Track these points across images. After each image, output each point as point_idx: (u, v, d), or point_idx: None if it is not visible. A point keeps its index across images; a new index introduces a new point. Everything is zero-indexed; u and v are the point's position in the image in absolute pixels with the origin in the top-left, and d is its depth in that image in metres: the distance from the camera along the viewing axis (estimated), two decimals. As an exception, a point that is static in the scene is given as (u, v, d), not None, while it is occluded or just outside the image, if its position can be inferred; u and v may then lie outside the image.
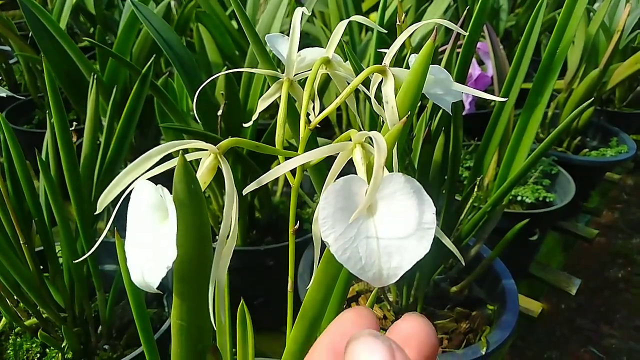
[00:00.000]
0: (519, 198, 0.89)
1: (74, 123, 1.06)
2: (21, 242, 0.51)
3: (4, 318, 0.58)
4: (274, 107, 1.10)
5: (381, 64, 0.34)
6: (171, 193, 0.24)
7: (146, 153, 0.25)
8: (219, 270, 0.28)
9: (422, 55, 0.29)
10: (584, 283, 1.18)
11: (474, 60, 0.88)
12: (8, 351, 0.60)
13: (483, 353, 0.57)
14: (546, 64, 0.54)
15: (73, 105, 0.95)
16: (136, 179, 0.26)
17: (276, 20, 0.70)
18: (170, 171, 0.25)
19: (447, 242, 0.34)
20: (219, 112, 0.62)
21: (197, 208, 0.25)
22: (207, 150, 0.28)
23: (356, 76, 0.46)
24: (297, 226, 0.38)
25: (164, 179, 0.25)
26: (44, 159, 0.48)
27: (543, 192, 0.90)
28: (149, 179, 0.25)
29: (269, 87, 0.39)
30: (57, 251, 0.57)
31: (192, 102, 0.62)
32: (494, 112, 0.60)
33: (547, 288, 1.01)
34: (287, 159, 0.29)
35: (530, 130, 0.56)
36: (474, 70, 0.87)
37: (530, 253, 0.98)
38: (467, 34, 0.58)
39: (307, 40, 1.23)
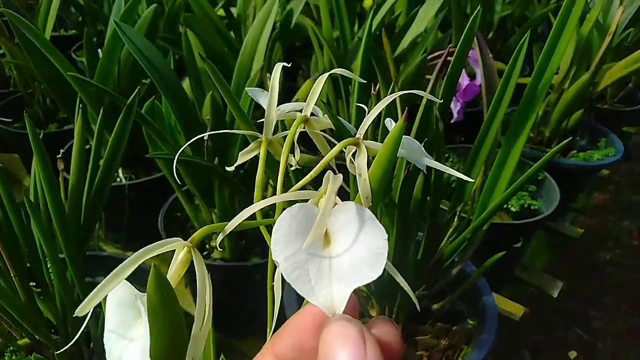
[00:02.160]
0: (505, 206, 0.91)
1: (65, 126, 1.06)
2: (12, 274, 0.52)
3: (-2, 339, 0.60)
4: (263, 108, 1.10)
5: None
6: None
7: (120, 265, 0.26)
8: (195, 353, 0.30)
9: (393, 134, 0.30)
10: (572, 265, 1.21)
11: (463, 70, 0.88)
12: (3, 369, 0.62)
13: (459, 374, 0.60)
14: (527, 100, 0.54)
15: (61, 108, 0.95)
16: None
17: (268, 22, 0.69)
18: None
19: (401, 280, 0.34)
20: (205, 137, 0.62)
21: (171, 313, 0.27)
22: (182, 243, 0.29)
23: (336, 130, 0.47)
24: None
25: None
26: (32, 201, 0.49)
27: (528, 199, 0.92)
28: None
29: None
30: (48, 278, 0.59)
31: (179, 126, 0.63)
32: (479, 135, 0.60)
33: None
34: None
35: (511, 159, 0.57)
36: (463, 80, 0.87)
37: (515, 258, 1.00)
38: (457, 48, 0.59)
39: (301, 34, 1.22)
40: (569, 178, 1.06)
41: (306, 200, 0.30)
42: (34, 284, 0.61)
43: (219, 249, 0.60)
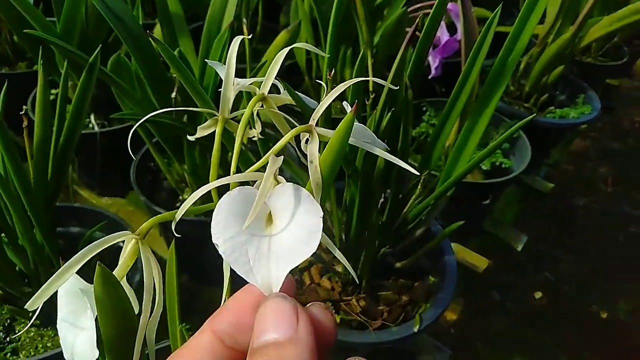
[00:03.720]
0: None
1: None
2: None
3: (-29, 289, 0.62)
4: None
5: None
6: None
7: (67, 263, 0.27)
8: (148, 335, 0.31)
9: (343, 125, 0.30)
10: (545, 209, 1.25)
11: (443, 24, 0.86)
12: (-22, 317, 0.64)
13: (415, 330, 0.63)
14: (503, 57, 0.53)
15: (27, 49, 0.92)
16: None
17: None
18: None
19: (339, 254, 0.35)
20: (173, 94, 0.61)
21: (117, 304, 0.28)
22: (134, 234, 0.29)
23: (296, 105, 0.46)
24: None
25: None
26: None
27: (500, 157, 0.93)
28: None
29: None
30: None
31: (146, 82, 0.61)
32: (454, 89, 0.58)
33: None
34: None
35: (483, 120, 0.57)
36: (443, 35, 0.85)
37: (483, 213, 1.03)
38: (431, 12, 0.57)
39: None
40: (544, 135, 1.07)
41: (250, 184, 0.30)
42: (4, 235, 0.62)
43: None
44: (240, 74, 0.42)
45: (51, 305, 0.28)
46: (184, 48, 0.79)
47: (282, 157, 0.30)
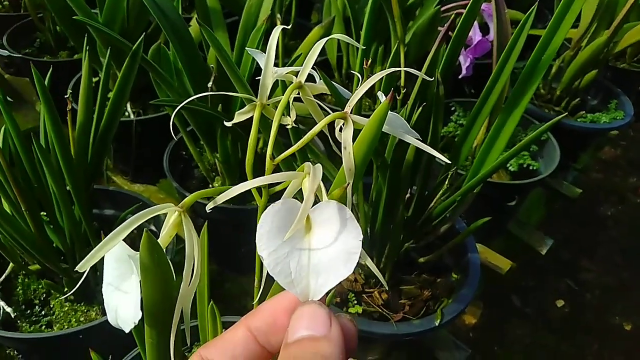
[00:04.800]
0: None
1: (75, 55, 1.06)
2: (23, 209, 0.56)
3: (11, 263, 0.65)
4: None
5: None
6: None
7: (117, 229, 0.28)
8: (184, 305, 0.33)
9: (377, 113, 0.32)
10: (572, 217, 1.23)
11: (476, 24, 0.86)
12: (17, 289, 0.67)
13: (437, 324, 0.64)
14: (534, 60, 0.54)
15: (70, 38, 0.95)
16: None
17: None
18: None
19: (371, 264, 0.36)
20: (209, 84, 0.63)
21: (160, 270, 0.30)
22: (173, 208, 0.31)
23: (331, 94, 0.47)
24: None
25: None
26: (42, 144, 0.52)
27: (528, 159, 0.93)
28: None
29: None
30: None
31: (184, 72, 0.64)
32: (484, 91, 0.59)
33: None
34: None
35: (512, 121, 0.57)
36: (475, 35, 0.85)
37: (509, 215, 1.02)
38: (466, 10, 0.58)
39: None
40: (574, 139, 1.06)
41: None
42: (45, 214, 0.65)
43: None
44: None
45: (84, 282, 0.29)
46: (220, 41, 0.82)
47: (321, 170, 0.30)
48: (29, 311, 0.67)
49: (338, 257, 0.25)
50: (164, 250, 0.31)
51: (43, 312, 0.67)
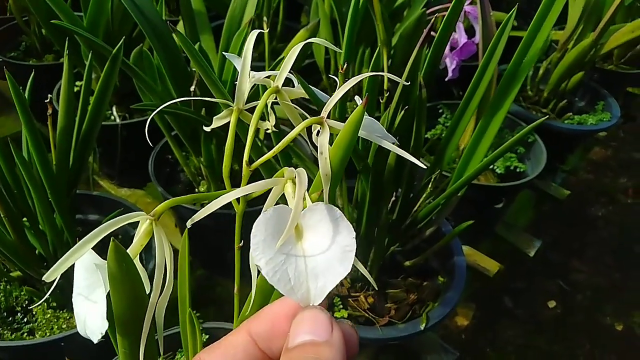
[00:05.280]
0: (490, 166, 0.92)
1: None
2: (2, 215, 0.55)
3: (-8, 270, 0.64)
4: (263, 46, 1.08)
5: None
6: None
7: (87, 236, 0.28)
8: (157, 314, 0.33)
9: (353, 118, 0.31)
10: (563, 218, 1.23)
11: (461, 26, 0.86)
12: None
13: (422, 328, 0.64)
14: (515, 63, 0.54)
15: (54, 41, 0.94)
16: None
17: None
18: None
19: (361, 267, 0.36)
20: (192, 87, 0.63)
21: (129, 279, 0.29)
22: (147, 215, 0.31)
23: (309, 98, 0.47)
24: (241, 243, 0.42)
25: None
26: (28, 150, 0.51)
27: (515, 161, 0.93)
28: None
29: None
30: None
31: (167, 76, 0.63)
32: (467, 93, 0.59)
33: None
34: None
35: (488, 134, 0.58)
36: (461, 37, 0.85)
37: (497, 217, 1.03)
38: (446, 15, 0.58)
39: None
40: (561, 141, 1.06)
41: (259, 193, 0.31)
42: (26, 219, 0.64)
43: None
44: (259, 70, 0.44)
45: (67, 289, 0.29)
46: (205, 44, 0.81)
47: (306, 175, 0.29)
48: (10, 318, 0.66)
49: (334, 257, 0.25)
50: (137, 261, 0.31)
51: (25, 320, 0.66)
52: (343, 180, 0.64)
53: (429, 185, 0.60)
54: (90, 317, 0.29)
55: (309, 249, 0.26)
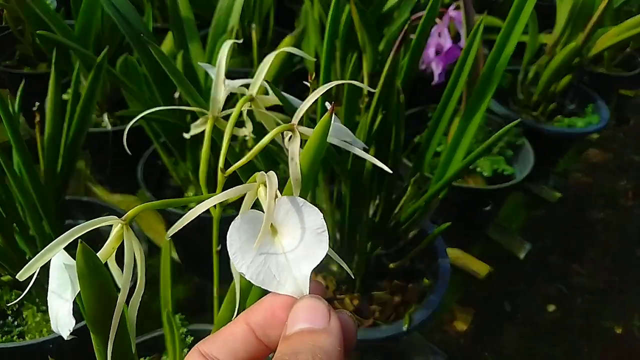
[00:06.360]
0: (477, 169, 0.93)
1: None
2: (-11, 220, 0.56)
3: (-17, 274, 0.65)
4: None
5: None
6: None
7: (59, 237, 0.29)
8: (130, 314, 0.34)
9: (321, 124, 0.32)
10: (562, 221, 1.24)
11: (446, 31, 0.87)
12: (-11, 301, 0.68)
13: (404, 329, 0.65)
14: (490, 65, 0.55)
15: (45, 50, 0.96)
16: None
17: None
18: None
19: (335, 256, 0.37)
20: (176, 94, 0.64)
21: (97, 279, 0.30)
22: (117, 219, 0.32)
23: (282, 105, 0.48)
24: (219, 247, 0.44)
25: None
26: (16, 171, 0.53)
27: (503, 164, 0.94)
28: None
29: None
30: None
31: (153, 84, 0.65)
32: (441, 100, 0.60)
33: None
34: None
35: (466, 136, 0.59)
36: (446, 42, 0.87)
37: (486, 220, 1.03)
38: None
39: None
40: (550, 144, 1.07)
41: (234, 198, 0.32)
42: (15, 224, 0.65)
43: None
44: (248, 76, 0.45)
45: None
46: (193, 51, 0.83)
47: (276, 177, 0.30)
48: (1, 321, 0.67)
49: (310, 242, 0.26)
50: (113, 262, 0.32)
51: (16, 323, 0.67)
52: (326, 183, 0.65)
53: (409, 188, 0.61)
54: (62, 314, 0.30)
55: (285, 241, 0.26)
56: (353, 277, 0.69)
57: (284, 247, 0.26)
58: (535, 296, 1.09)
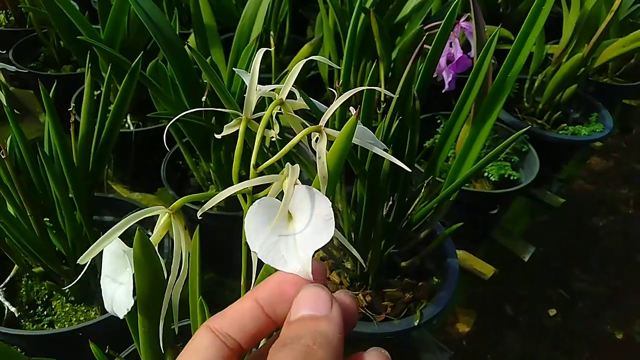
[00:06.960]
0: (485, 174, 0.97)
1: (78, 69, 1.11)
2: (28, 214, 0.60)
3: (16, 265, 0.69)
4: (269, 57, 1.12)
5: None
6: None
7: (113, 227, 0.33)
8: (173, 297, 0.37)
9: (346, 128, 0.36)
10: (564, 228, 1.26)
11: (457, 41, 0.91)
12: (21, 291, 0.71)
13: (415, 324, 0.68)
14: (501, 76, 0.58)
15: (73, 53, 1.00)
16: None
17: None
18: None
19: (347, 244, 0.39)
20: (203, 98, 0.68)
21: (151, 264, 0.34)
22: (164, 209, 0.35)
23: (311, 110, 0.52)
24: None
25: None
26: (46, 152, 0.56)
27: (509, 169, 0.97)
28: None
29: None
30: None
31: (180, 87, 0.68)
32: (455, 107, 0.64)
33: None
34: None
35: (478, 142, 0.62)
36: (457, 52, 0.90)
37: (493, 223, 1.07)
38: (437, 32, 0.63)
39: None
40: (554, 151, 1.10)
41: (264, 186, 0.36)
42: (48, 219, 0.69)
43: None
44: (266, 82, 0.48)
45: (85, 284, 0.33)
46: (215, 56, 0.87)
47: (298, 169, 0.33)
48: (32, 311, 0.71)
49: (317, 227, 0.28)
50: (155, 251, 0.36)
51: (45, 312, 0.71)
52: (343, 184, 0.69)
53: (422, 190, 0.65)
54: (118, 296, 0.33)
55: (296, 225, 0.29)
56: (366, 270, 0.72)
57: (295, 231, 0.29)
58: (537, 300, 1.11)
